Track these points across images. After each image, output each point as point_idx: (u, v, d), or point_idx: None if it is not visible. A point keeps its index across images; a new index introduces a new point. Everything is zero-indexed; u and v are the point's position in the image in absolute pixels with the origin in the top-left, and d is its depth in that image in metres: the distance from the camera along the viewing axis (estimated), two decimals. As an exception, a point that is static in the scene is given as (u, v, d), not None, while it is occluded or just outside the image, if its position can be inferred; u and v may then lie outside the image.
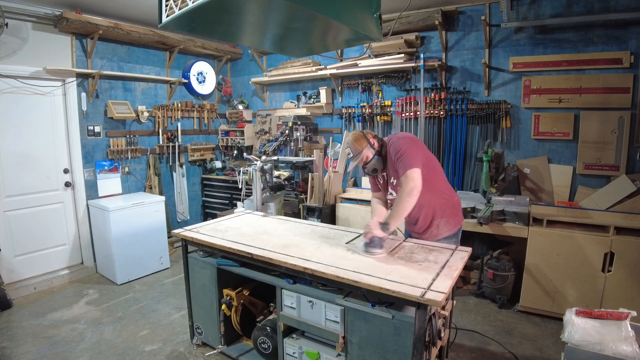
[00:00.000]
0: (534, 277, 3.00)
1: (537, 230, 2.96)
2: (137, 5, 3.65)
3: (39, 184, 3.72)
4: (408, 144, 2.13)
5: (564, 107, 3.30)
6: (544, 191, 3.43)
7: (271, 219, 2.89)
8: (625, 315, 1.76)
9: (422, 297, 1.53)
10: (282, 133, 4.55)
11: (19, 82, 3.47)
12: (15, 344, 2.75)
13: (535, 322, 2.98)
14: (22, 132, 3.57)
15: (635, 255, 2.65)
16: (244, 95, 5.49)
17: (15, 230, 3.57)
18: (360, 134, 2.25)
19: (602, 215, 2.93)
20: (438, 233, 2.27)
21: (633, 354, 1.62)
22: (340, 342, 1.86)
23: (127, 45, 4.32)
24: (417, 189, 1.99)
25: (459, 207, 2.37)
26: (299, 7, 1.40)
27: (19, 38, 3.42)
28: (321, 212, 3.81)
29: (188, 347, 2.69)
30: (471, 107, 3.68)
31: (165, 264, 4.19)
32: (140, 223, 3.91)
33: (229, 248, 2.24)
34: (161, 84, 4.74)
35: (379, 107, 4.21)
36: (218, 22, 1.69)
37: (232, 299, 2.36)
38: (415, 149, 2.11)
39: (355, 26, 1.70)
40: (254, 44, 2.90)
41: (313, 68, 4.44)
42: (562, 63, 3.26)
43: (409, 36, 3.80)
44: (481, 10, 3.56)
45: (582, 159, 3.25)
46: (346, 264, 1.91)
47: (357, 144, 2.22)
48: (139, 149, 4.46)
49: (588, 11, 3.11)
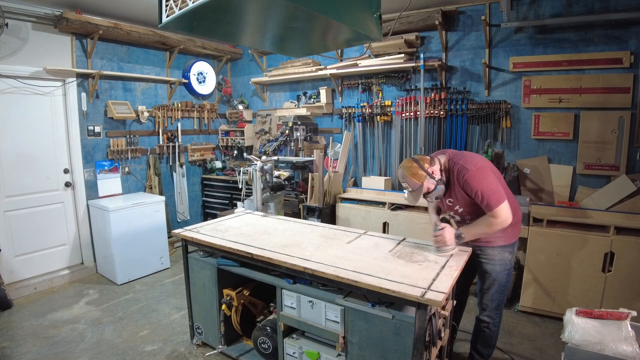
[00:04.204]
0: (534, 277, 3.00)
1: (537, 230, 2.96)
2: (137, 5, 3.65)
3: (39, 184, 3.72)
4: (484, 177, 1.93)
5: (564, 107, 3.30)
6: (544, 191, 3.43)
7: (271, 219, 2.89)
8: (626, 315, 1.76)
9: (422, 297, 1.53)
10: (282, 133, 4.54)
11: (19, 82, 3.47)
12: (15, 344, 2.75)
13: (535, 322, 2.98)
14: (22, 132, 3.57)
15: (635, 255, 2.65)
16: (244, 95, 5.49)
17: (16, 231, 3.57)
18: (416, 166, 1.96)
19: (602, 215, 2.93)
20: (492, 240, 2.10)
21: (633, 354, 1.62)
22: (340, 342, 1.86)
23: (127, 45, 4.32)
24: (508, 222, 1.92)
25: (519, 221, 2.18)
26: (299, 7, 1.40)
27: (19, 38, 3.42)
28: (321, 212, 3.81)
29: (188, 347, 2.69)
30: (471, 107, 3.68)
31: (165, 264, 4.19)
32: (141, 223, 3.91)
33: (229, 248, 2.24)
34: (161, 84, 4.74)
35: (379, 107, 4.21)
36: (218, 22, 1.69)
37: (232, 299, 2.36)
38: (491, 180, 1.93)
39: (356, 26, 1.70)
40: (254, 44, 2.90)
41: (313, 68, 4.44)
42: (562, 63, 3.26)
43: (409, 36, 3.80)
44: (481, 10, 3.56)
45: (582, 158, 3.25)
46: (346, 264, 1.91)
47: (415, 179, 1.95)
48: (139, 149, 4.46)
49: (588, 11, 3.11)
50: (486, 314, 2.19)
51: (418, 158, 2.00)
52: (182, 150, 4.95)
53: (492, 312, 2.18)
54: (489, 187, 1.91)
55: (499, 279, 2.13)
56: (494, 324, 2.20)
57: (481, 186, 1.90)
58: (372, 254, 2.06)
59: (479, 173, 1.94)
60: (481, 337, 2.25)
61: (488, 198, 1.89)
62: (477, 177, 1.92)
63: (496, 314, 2.19)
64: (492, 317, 2.18)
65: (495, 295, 2.15)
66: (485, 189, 1.90)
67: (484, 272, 2.16)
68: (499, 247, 2.10)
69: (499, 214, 1.89)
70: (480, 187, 1.90)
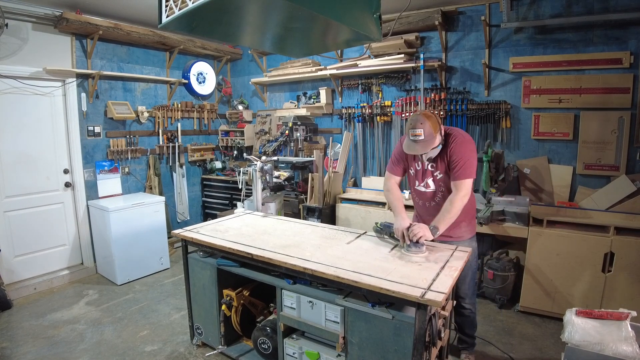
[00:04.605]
0: (534, 277, 3.00)
1: (537, 230, 2.96)
2: (137, 6, 3.65)
3: (39, 185, 3.72)
4: (472, 151, 2.10)
5: (564, 107, 3.30)
6: (544, 191, 3.43)
7: (271, 219, 2.89)
8: (626, 315, 1.76)
9: (422, 298, 1.53)
10: (282, 133, 4.55)
11: (18, 83, 3.47)
12: (15, 344, 2.75)
13: (535, 322, 2.98)
14: (22, 133, 3.57)
15: (635, 255, 2.65)
16: (244, 95, 5.49)
17: (15, 231, 3.57)
18: (435, 117, 2.03)
19: (602, 216, 2.94)
20: (461, 235, 2.25)
21: (633, 354, 1.62)
22: (340, 343, 1.86)
23: (127, 45, 4.32)
24: (467, 197, 2.07)
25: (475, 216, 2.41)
26: (299, 7, 1.40)
27: (19, 38, 3.42)
28: (321, 213, 3.81)
29: (188, 347, 2.69)
30: (471, 107, 3.68)
31: (165, 264, 4.19)
32: (140, 223, 3.91)
33: (229, 248, 2.24)
34: (161, 84, 4.74)
35: (379, 108, 4.21)
36: (218, 23, 1.69)
37: (232, 299, 2.36)
38: (474, 157, 2.10)
39: (355, 26, 1.70)
40: (254, 44, 2.90)
41: (313, 68, 4.44)
42: (562, 63, 3.26)
43: (409, 36, 3.80)
44: (481, 11, 3.56)
45: (582, 159, 3.25)
46: (346, 264, 1.90)
47: (432, 127, 1.99)
48: (139, 150, 4.46)
49: (588, 11, 3.11)
50: (468, 302, 2.35)
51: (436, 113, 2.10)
52: (182, 151, 4.95)
53: (471, 298, 2.36)
54: (471, 161, 2.07)
55: (473, 268, 2.32)
56: (474, 307, 2.40)
57: (466, 155, 2.06)
58: (372, 254, 2.05)
59: (470, 145, 2.11)
60: (467, 321, 2.41)
61: (465, 167, 2.04)
62: (467, 147, 2.09)
63: (474, 298, 2.40)
64: (473, 303, 2.38)
65: (471, 282, 2.33)
66: (468, 159, 2.06)
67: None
68: (468, 240, 2.28)
69: (463, 186, 2.04)
70: (465, 155, 2.06)
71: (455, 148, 2.08)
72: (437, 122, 2.03)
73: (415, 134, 2.00)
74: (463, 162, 2.05)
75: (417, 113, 2.06)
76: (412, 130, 2.01)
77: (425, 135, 1.98)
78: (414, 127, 2.00)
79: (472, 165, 2.07)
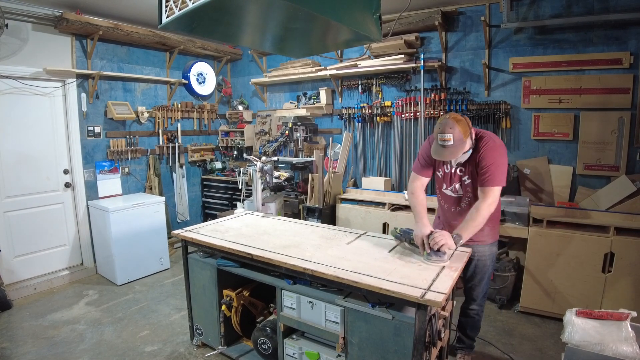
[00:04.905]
0: (534, 278, 3.00)
1: (537, 230, 2.96)
2: (137, 6, 3.65)
3: (39, 185, 3.72)
4: (503, 156, 2.01)
5: (564, 108, 3.30)
6: (544, 191, 3.43)
7: (271, 220, 2.89)
8: (626, 315, 1.76)
9: (422, 298, 1.53)
10: (282, 134, 4.55)
11: (19, 83, 3.47)
12: (15, 344, 2.74)
13: (536, 323, 2.98)
14: (22, 133, 3.57)
15: (635, 256, 2.65)
16: (244, 95, 5.50)
17: (15, 231, 3.57)
18: (465, 121, 1.93)
19: (602, 216, 2.93)
20: (483, 239, 2.19)
21: (633, 355, 1.62)
22: (340, 343, 1.86)
23: (127, 46, 4.32)
24: (494, 205, 1.99)
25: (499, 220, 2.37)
26: (299, 8, 1.40)
27: (19, 39, 3.42)
28: (321, 213, 3.81)
29: (188, 347, 2.69)
30: (471, 107, 3.68)
31: (165, 264, 4.19)
32: (140, 224, 3.91)
33: (229, 249, 2.24)
34: (161, 84, 4.74)
35: (378, 108, 4.21)
36: (218, 23, 1.69)
37: (232, 300, 2.36)
38: (505, 163, 2.02)
39: (355, 27, 1.70)
40: (254, 45, 2.90)
41: (313, 69, 4.44)
42: (562, 63, 3.26)
43: (409, 37, 3.80)
44: (481, 11, 3.57)
45: (582, 159, 3.25)
46: (346, 264, 1.90)
47: (462, 132, 1.88)
48: (139, 150, 4.46)
49: (588, 11, 3.11)
50: (477, 304, 2.33)
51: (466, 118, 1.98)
52: (182, 151, 4.95)
53: (481, 300, 2.33)
54: (501, 168, 1.98)
55: (489, 273, 2.28)
56: (482, 310, 2.38)
57: (497, 161, 1.97)
58: (372, 255, 2.05)
59: (501, 150, 2.02)
60: (471, 322, 2.39)
61: (494, 174, 1.95)
62: (498, 152, 1.99)
63: (484, 301, 2.37)
64: (481, 305, 2.36)
65: (485, 286, 2.30)
66: (499, 166, 1.97)
67: (476, 268, 2.25)
68: (489, 245, 2.22)
69: (491, 194, 1.95)
70: (496, 161, 1.97)
71: (485, 153, 1.99)
72: (468, 125, 1.94)
73: (445, 139, 1.89)
74: (494, 168, 1.95)
75: (445, 116, 1.95)
76: (441, 135, 1.90)
77: (454, 140, 1.88)
78: (443, 132, 1.89)
79: (502, 172, 1.97)
